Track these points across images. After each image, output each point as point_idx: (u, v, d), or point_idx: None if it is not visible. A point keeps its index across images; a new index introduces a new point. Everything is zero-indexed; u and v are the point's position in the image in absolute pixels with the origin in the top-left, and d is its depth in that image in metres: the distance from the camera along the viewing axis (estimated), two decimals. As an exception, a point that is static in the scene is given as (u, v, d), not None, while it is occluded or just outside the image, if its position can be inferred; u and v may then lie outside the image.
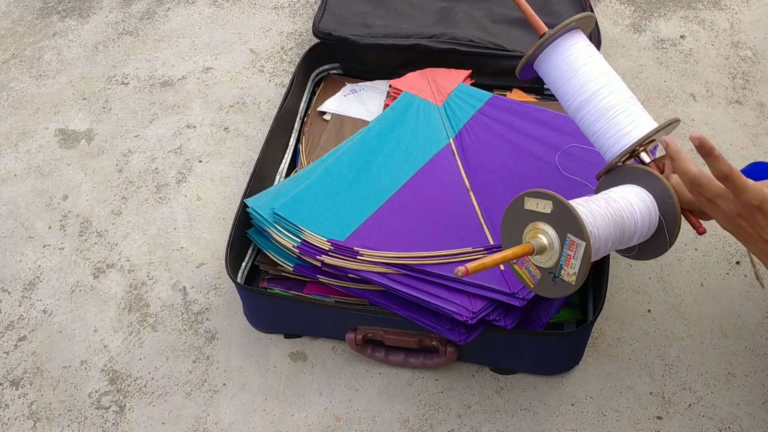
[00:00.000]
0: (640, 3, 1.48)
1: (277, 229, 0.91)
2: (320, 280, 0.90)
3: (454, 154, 1.01)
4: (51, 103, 1.37)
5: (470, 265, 0.59)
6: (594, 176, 0.93)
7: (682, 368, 0.93)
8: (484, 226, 0.90)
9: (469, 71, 1.17)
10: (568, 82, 0.74)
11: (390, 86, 1.18)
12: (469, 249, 0.86)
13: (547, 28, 0.76)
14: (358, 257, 0.86)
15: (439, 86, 1.12)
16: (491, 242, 0.88)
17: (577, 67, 0.74)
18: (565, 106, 0.77)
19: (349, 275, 0.87)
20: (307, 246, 0.89)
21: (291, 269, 0.91)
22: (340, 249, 0.88)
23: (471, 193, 0.95)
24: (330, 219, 0.92)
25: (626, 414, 0.90)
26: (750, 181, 0.60)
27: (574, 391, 0.92)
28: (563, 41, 0.75)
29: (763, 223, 0.59)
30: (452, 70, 1.16)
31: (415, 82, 1.14)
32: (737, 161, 1.17)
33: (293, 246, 0.89)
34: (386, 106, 1.15)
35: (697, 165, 0.64)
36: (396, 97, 1.13)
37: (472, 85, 1.15)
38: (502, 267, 0.83)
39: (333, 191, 0.96)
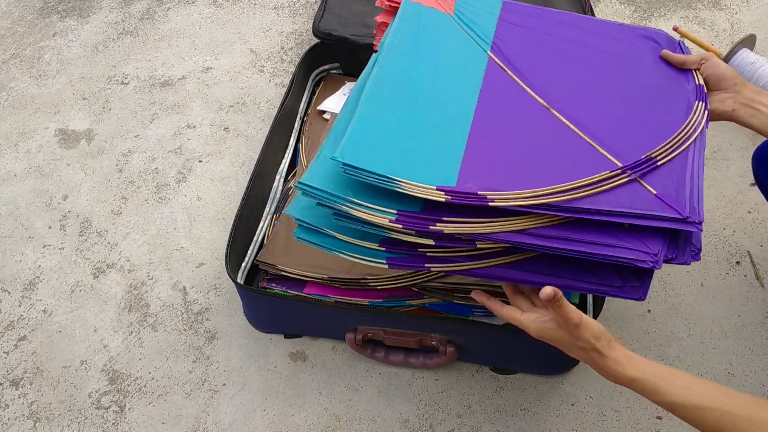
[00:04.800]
0: (640, 3, 1.48)
1: (354, 203, 0.63)
2: (432, 270, 0.66)
3: (504, 69, 0.78)
4: (51, 103, 1.37)
5: None
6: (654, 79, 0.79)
7: (682, 368, 0.93)
8: (597, 146, 0.69)
9: None
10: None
11: None
12: (606, 173, 0.64)
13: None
14: (490, 204, 0.61)
15: None
16: (618, 163, 0.66)
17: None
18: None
19: (470, 249, 0.64)
20: (407, 217, 0.62)
21: (384, 265, 0.67)
22: (461, 197, 0.61)
23: (554, 112, 0.73)
24: (416, 160, 0.65)
25: (626, 414, 0.90)
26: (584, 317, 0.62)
27: (574, 391, 0.92)
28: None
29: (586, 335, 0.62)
30: None
31: None
32: (737, 161, 1.17)
33: (389, 221, 0.62)
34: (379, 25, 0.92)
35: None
36: (391, 11, 0.88)
37: None
38: (653, 191, 0.64)
39: (394, 124, 0.69)
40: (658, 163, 0.67)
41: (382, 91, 0.72)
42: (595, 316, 0.84)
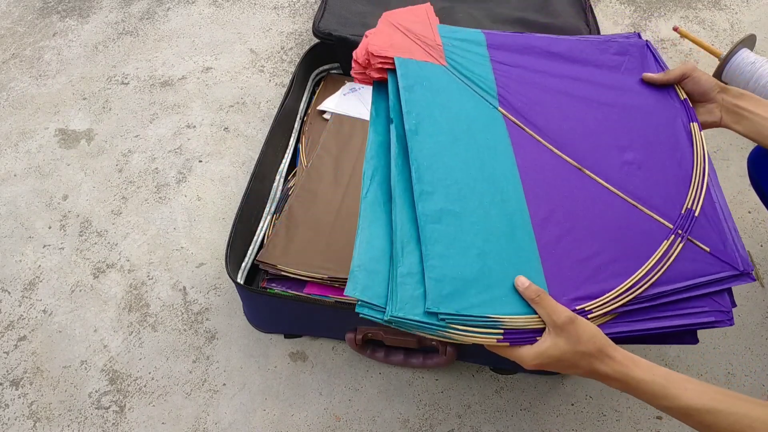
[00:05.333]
0: (640, 3, 1.48)
1: (457, 329, 0.62)
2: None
3: (521, 127, 0.77)
4: (51, 103, 1.37)
5: None
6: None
7: (682, 368, 0.93)
8: (641, 207, 0.72)
9: (428, 2, 0.96)
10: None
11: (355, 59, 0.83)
12: (666, 243, 0.68)
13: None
14: (590, 317, 0.64)
15: (420, 37, 0.84)
16: (668, 225, 0.70)
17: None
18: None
19: None
20: (513, 334, 0.63)
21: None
22: None
23: (587, 172, 0.74)
24: (504, 287, 0.64)
25: (626, 414, 0.90)
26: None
27: (574, 391, 0.92)
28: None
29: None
30: (410, 8, 0.91)
31: (393, 40, 0.83)
32: (737, 161, 1.17)
33: (497, 341, 0.63)
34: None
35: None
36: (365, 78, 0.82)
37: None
38: (706, 249, 0.69)
39: (462, 246, 0.66)
40: (696, 214, 0.70)
41: (432, 196, 0.68)
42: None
